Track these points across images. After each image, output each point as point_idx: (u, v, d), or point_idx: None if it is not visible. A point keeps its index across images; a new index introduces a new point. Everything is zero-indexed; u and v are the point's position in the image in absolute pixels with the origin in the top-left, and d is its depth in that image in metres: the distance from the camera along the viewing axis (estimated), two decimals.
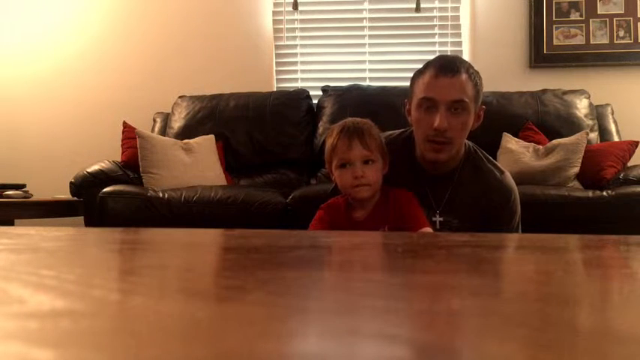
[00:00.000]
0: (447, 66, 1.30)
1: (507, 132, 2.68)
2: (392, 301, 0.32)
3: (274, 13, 3.25)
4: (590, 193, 2.18)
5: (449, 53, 3.20)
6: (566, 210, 2.12)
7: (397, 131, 1.47)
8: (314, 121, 2.97)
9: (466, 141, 1.39)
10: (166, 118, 3.07)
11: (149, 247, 0.69)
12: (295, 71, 3.30)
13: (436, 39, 3.23)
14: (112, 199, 2.30)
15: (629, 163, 2.54)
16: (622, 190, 2.19)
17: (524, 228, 1.44)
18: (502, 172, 1.40)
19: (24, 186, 2.77)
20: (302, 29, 3.28)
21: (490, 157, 1.45)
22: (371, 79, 3.23)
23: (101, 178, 2.47)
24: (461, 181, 1.38)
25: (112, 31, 3.32)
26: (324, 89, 3.03)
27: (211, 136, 2.83)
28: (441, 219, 1.37)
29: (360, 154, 1.28)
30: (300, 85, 3.24)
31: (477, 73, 1.35)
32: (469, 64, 1.35)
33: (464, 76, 1.29)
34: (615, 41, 3.05)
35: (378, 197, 1.34)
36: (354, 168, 1.29)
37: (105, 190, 2.33)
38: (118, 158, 2.70)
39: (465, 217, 1.35)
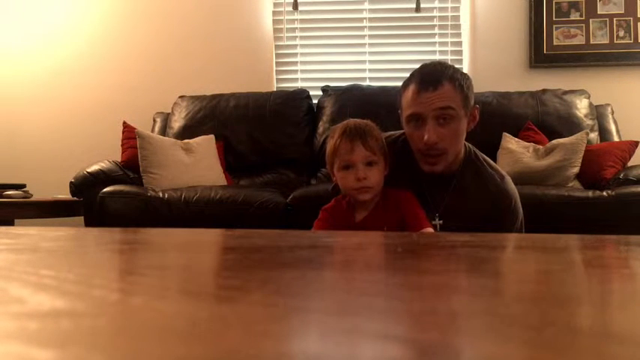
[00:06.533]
0: (428, 79, 1.28)
1: (507, 132, 2.68)
2: (392, 301, 0.32)
3: (274, 13, 3.26)
4: (590, 193, 2.18)
5: (448, 53, 3.20)
6: (566, 210, 2.12)
7: (397, 132, 1.45)
8: (314, 121, 2.97)
9: (466, 143, 1.38)
10: (166, 118, 3.07)
11: (149, 247, 0.69)
12: (295, 71, 3.31)
13: (436, 39, 3.23)
14: (111, 199, 2.30)
15: (629, 163, 2.54)
16: (622, 190, 2.19)
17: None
18: (502, 177, 1.38)
19: (24, 186, 2.78)
20: (302, 29, 3.28)
21: (490, 161, 1.43)
22: (371, 79, 3.23)
23: (101, 178, 2.47)
24: (460, 185, 1.36)
25: (112, 31, 3.33)
26: (324, 89, 3.03)
27: (211, 136, 2.83)
28: (441, 222, 1.36)
29: (363, 155, 1.28)
30: (300, 85, 3.24)
31: (464, 75, 1.32)
32: (453, 69, 1.32)
33: (447, 86, 1.27)
34: (615, 41, 3.05)
35: (378, 198, 1.33)
36: (356, 170, 1.28)
37: (105, 190, 2.33)
38: (118, 158, 2.70)
39: (464, 222, 1.33)
